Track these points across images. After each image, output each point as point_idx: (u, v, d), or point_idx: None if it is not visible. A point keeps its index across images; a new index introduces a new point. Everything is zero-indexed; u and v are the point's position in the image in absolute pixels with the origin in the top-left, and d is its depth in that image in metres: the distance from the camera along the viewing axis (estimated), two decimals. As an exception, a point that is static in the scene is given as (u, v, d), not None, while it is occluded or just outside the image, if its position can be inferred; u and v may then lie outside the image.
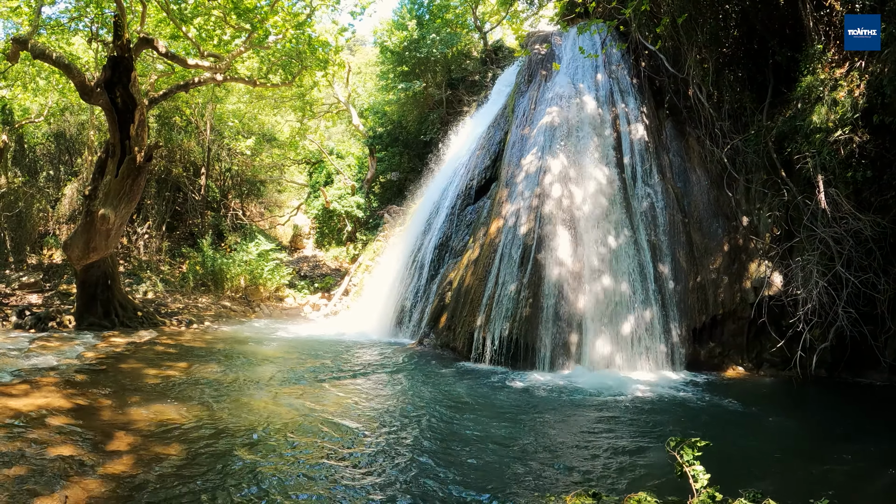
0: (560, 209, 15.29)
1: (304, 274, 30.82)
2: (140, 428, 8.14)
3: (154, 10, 19.08)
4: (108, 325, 17.55)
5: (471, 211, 18.91)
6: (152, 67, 23.43)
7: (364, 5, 20.39)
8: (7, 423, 7.81)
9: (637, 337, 14.26)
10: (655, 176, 15.71)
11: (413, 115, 31.21)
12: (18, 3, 18.79)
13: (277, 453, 7.44)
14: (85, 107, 27.29)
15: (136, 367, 12.55)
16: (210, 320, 20.86)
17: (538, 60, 18.92)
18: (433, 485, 6.74)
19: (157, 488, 6.18)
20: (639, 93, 16.93)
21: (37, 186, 29.05)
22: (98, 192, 17.00)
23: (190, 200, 31.11)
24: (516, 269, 14.89)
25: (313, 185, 37.47)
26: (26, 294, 22.42)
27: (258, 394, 10.58)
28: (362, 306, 22.94)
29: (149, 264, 26.71)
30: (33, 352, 13.66)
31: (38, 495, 5.71)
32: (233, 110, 32.39)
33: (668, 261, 14.95)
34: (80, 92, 16.98)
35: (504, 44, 30.63)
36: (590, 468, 7.50)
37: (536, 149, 16.48)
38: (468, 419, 9.52)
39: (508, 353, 14.22)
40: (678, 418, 10.19)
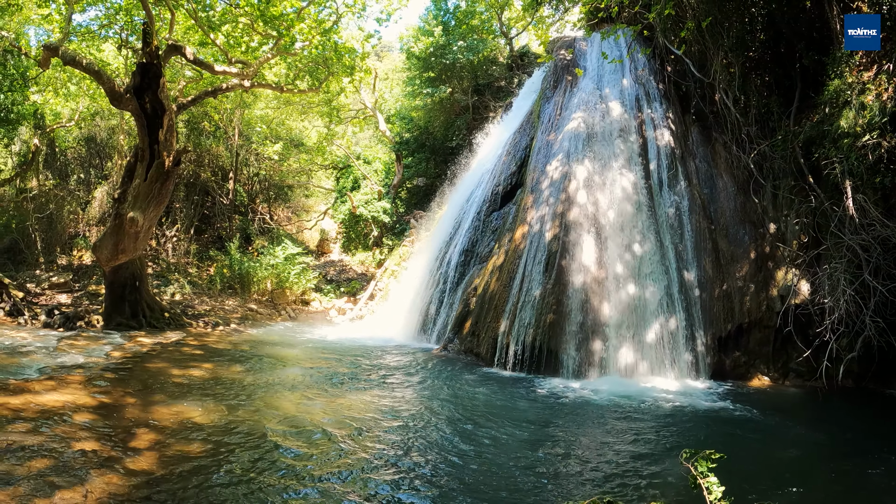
0: (585, 215, 15.22)
1: (330, 278, 30.93)
2: (163, 426, 8.21)
3: (182, 17, 19.26)
4: (136, 325, 17.75)
5: (496, 217, 18.89)
6: (181, 73, 23.68)
7: (390, 12, 20.48)
8: (32, 418, 7.92)
9: (661, 345, 14.11)
10: (681, 182, 15.57)
11: (439, 120, 31.24)
12: (49, 11, 19.13)
13: (298, 455, 7.46)
14: (115, 112, 27.63)
15: (162, 366, 12.68)
16: (236, 322, 20.99)
17: (563, 66, 18.86)
18: (453, 490, 6.73)
19: (177, 485, 6.23)
20: (664, 98, 16.78)
21: (67, 189, 29.48)
22: (127, 196, 17.20)
23: (218, 204, 31.36)
24: (541, 275, 14.84)
25: (340, 190, 37.58)
26: (56, 294, 22.72)
27: (281, 395, 10.63)
28: (388, 311, 22.97)
29: (177, 267, 26.96)
30: (61, 350, 13.86)
31: (61, 488, 5.79)
32: (261, 116, 32.65)
33: (694, 268, 14.78)
34: (110, 97, 17.21)
35: (530, 49, 30.54)
36: (608, 477, 7.46)
37: (562, 155, 16.42)
38: (489, 425, 9.50)
39: (532, 359, 14.16)
40: (700, 428, 10.08)
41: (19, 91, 23.40)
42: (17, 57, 23.01)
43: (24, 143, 26.90)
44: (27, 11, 20.01)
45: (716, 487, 4.35)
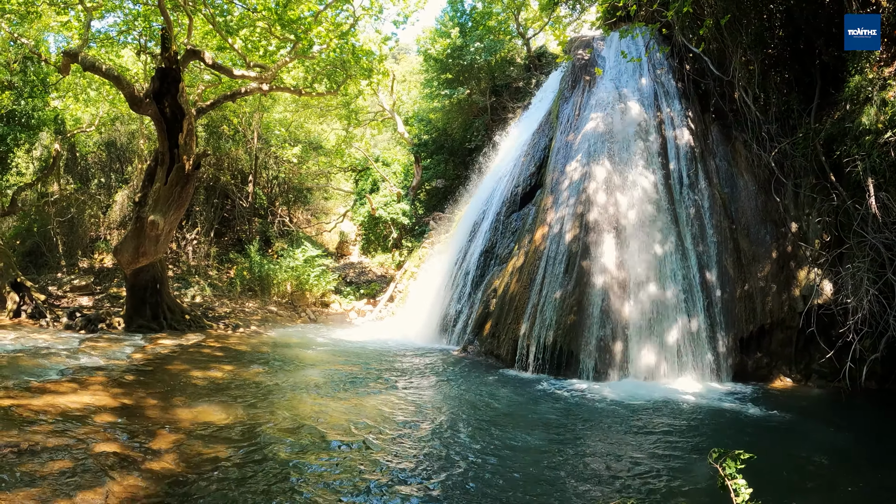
0: (605, 216, 15.13)
1: (349, 280, 31.00)
2: (184, 427, 8.24)
3: (200, 22, 19.37)
4: (157, 327, 17.89)
5: (516, 218, 18.84)
6: (200, 78, 23.80)
7: (407, 14, 20.49)
8: (54, 420, 7.99)
9: (683, 346, 13.98)
10: (702, 182, 15.44)
11: (458, 122, 31.24)
12: (68, 18, 19.29)
13: (318, 456, 7.46)
14: (135, 117, 27.83)
15: (183, 368, 12.76)
16: (256, 324, 21.08)
17: (581, 66, 18.77)
18: (473, 492, 6.71)
19: (198, 486, 6.24)
20: (684, 97, 16.63)
21: (88, 193, 29.74)
22: (148, 199, 17.32)
23: (238, 207, 31.52)
24: (561, 276, 14.77)
25: (359, 193, 37.66)
26: (77, 296, 22.91)
27: (301, 397, 10.65)
28: (407, 313, 22.99)
29: (197, 269, 27.13)
30: (82, 352, 13.99)
31: (82, 489, 5.81)
32: (279, 119, 32.78)
33: (715, 268, 14.65)
34: (130, 102, 17.36)
35: (547, 50, 30.43)
36: (630, 479, 7.40)
37: (581, 155, 16.34)
38: (510, 427, 9.47)
39: (552, 361, 14.10)
40: (722, 430, 10.00)
41: (40, 97, 23.64)
42: (38, 63, 23.24)
43: (45, 149, 27.15)
44: (46, 19, 20.15)
45: (743, 489, 4.30)
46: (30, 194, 27.11)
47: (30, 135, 24.58)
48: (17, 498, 5.49)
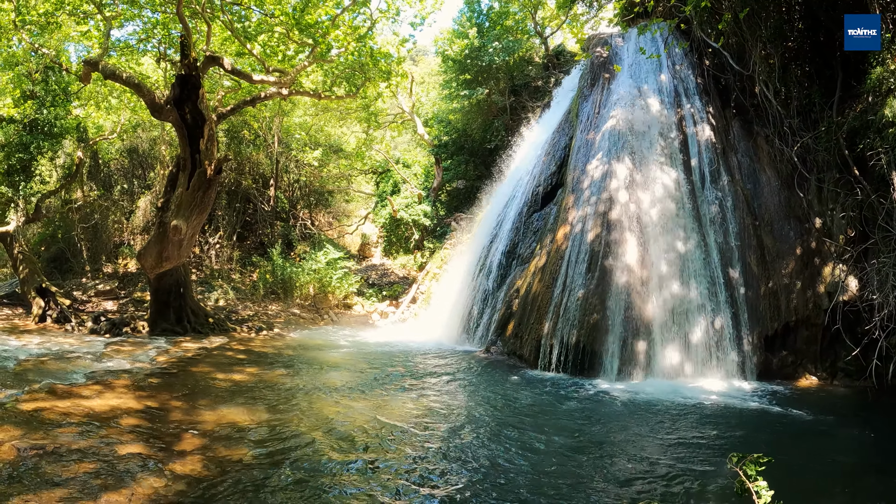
0: (627, 214, 15.04)
1: (372, 282, 31.04)
2: (208, 430, 8.28)
3: (219, 29, 19.48)
4: (181, 330, 18.03)
5: (537, 217, 18.79)
6: (219, 84, 23.94)
7: (424, 16, 20.51)
8: (80, 422, 8.05)
9: (707, 345, 13.86)
10: (724, 178, 15.31)
11: (477, 122, 31.20)
12: (88, 28, 19.50)
13: (342, 457, 7.46)
14: (156, 123, 28.07)
15: (207, 371, 12.84)
16: (280, 327, 21.17)
17: (600, 63, 18.68)
18: (497, 493, 6.68)
19: (222, 488, 6.26)
20: (704, 92, 16.49)
21: (111, 199, 30.04)
22: (170, 204, 17.44)
23: (259, 211, 31.72)
24: (583, 275, 14.69)
25: (380, 195, 37.73)
26: (102, 301, 23.14)
27: (325, 399, 10.67)
28: (430, 314, 22.98)
29: (220, 273, 27.30)
30: (107, 355, 14.14)
31: (107, 490, 5.85)
32: (299, 123, 32.92)
33: (739, 266, 14.50)
34: (151, 109, 17.52)
35: (565, 48, 30.32)
36: (653, 480, 7.35)
37: (602, 153, 16.26)
38: (533, 428, 9.42)
39: (575, 360, 14.02)
40: (747, 430, 9.89)
41: (62, 106, 23.88)
42: (59, 73, 23.49)
43: (68, 156, 27.42)
44: (66, 29, 20.39)
45: (765, 491, 4.26)
46: (54, 201, 27.39)
47: (53, 143, 24.84)
48: (43, 498, 5.54)
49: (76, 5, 18.10)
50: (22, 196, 24.88)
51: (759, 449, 4.66)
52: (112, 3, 17.79)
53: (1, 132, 23.93)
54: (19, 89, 22.01)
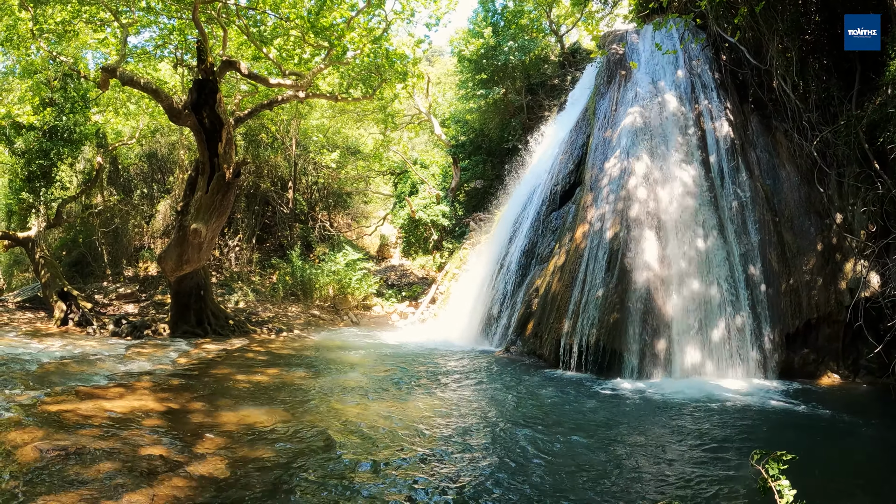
0: (646, 212, 14.95)
1: (391, 283, 31.13)
2: (229, 430, 8.31)
3: (235, 33, 19.62)
4: (201, 332, 18.15)
5: (556, 216, 18.74)
6: (237, 88, 24.10)
7: (439, 16, 20.50)
8: (102, 424, 8.09)
9: (728, 343, 13.73)
10: (743, 174, 15.17)
11: (494, 122, 31.21)
12: (105, 35, 19.73)
13: (363, 458, 7.45)
14: (174, 128, 28.35)
15: (227, 372, 12.91)
16: (299, 328, 21.26)
17: (616, 60, 18.59)
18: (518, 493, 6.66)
19: (243, 489, 6.26)
20: (721, 88, 16.34)
21: (131, 204, 30.33)
22: (190, 208, 17.57)
23: (278, 213, 31.91)
24: (603, 274, 14.62)
25: (398, 196, 37.82)
26: (123, 304, 23.34)
27: (345, 399, 10.68)
28: (449, 314, 22.99)
29: (240, 275, 27.48)
30: (129, 358, 14.25)
31: (129, 491, 5.87)
32: (317, 125, 33.12)
33: (759, 263, 14.33)
34: (169, 114, 17.66)
35: (581, 46, 30.23)
36: (674, 480, 7.29)
37: (619, 151, 16.18)
38: (554, 428, 9.38)
39: (595, 360, 13.95)
40: (769, 430, 9.79)
41: (81, 112, 24.17)
42: (77, 80, 23.80)
43: (88, 162, 27.73)
44: (84, 37, 20.59)
45: (787, 490, 4.21)
46: (74, 206, 27.69)
47: (72, 149, 25.15)
48: (65, 499, 5.57)
49: (93, 13, 18.30)
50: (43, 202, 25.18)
51: (781, 448, 4.61)
52: (128, 11, 17.93)
53: (21, 139, 24.24)
54: (38, 97, 22.26)
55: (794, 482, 4.22)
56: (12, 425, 7.75)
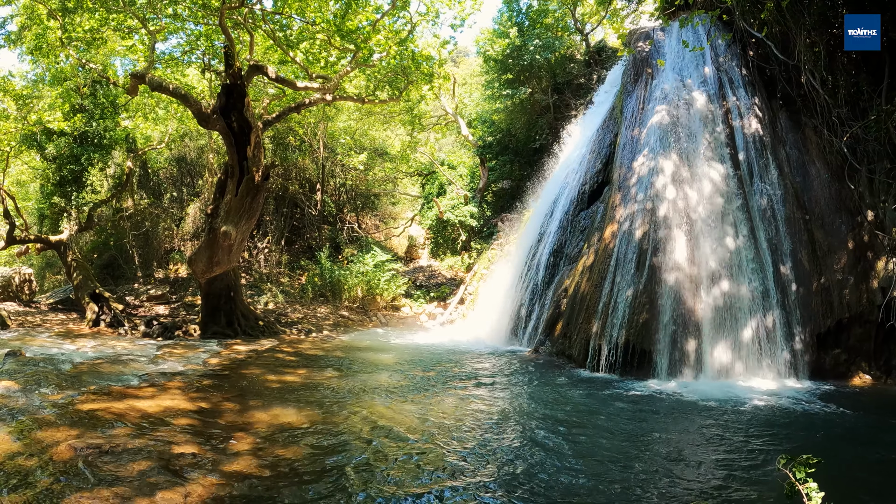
0: (675, 211, 14.85)
1: (419, 284, 31.17)
2: (260, 430, 8.36)
3: (261, 38, 19.79)
4: (231, 333, 18.31)
5: (584, 216, 18.69)
6: (264, 92, 24.32)
7: (464, 17, 20.52)
8: (135, 423, 8.19)
9: (758, 343, 13.55)
10: (772, 171, 14.99)
11: (521, 122, 31.15)
12: (133, 42, 20.03)
13: (393, 459, 7.48)
14: (203, 132, 28.65)
15: (258, 373, 13.01)
16: (328, 329, 21.38)
17: (642, 58, 18.44)
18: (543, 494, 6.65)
19: (275, 487, 6.31)
20: (749, 84, 16.13)
21: (161, 207, 30.68)
22: (219, 211, 17.75)
23: (307, 215, 32.10)
24: (632, 274, 14.53)
25: (426, 197, 37.89)
26: (154, 305, 23.62)
27: (375, 400, 10.71)
28: (478, 315, 23.00)
29: (269, 277, 27.70)
30: (160, 358, 14.42)
31: (162, 489, 5.92)
32: (344, 127, 33.28)
33: (790, 262, 14.14)
34: (198, 119, 17.87)
35: (606, 44, 30.04)
36: (703, 482, 7.24)
37: (647, 150, 16.09)
38: (581, 428, 9.36)
39: (624, 360, 13.86)
40: (798, 431, 9.66)
41: (110, 118, 24.57)
42: (106, 86, 24.20)
43: (118, 166, 28.12)
44: (112, 44, 20.98)
45: (815, 493, 4.19)
46: (105, 210, 28.04)
47: (103, 154, 25.56)
48: (100, 496, 5.63)
49: (121, 21, 18.56)
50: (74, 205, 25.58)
51: (811, 450, 4.58)
52: (155, 18, 18.18)
53: (52, 145, 24.66)
54: (68, 103, 22.65)
55: (822, 485, 4.20)
56: (47, 424, 7.87)
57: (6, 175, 24.77)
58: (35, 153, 25.93)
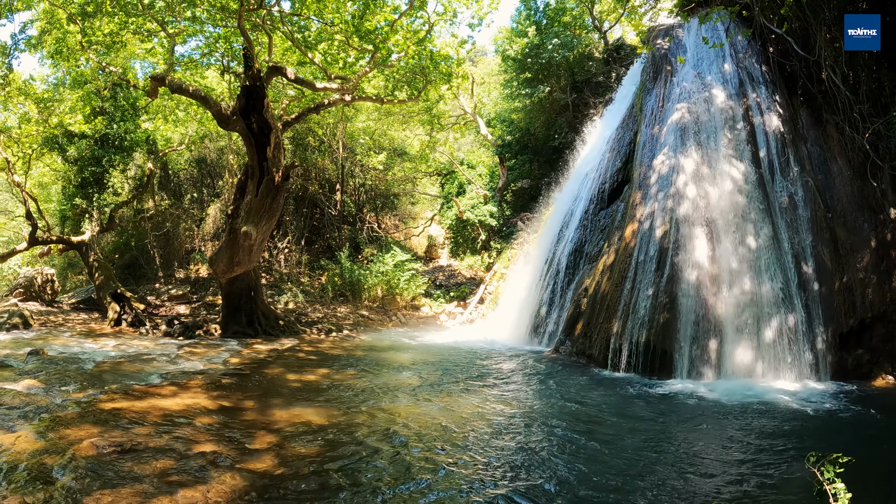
0: (695, 210, 14.73)
1: (439, 283, 31.20)
2: (281, 428, 8.39)
3: (280, 40, 19.90)
4: (252, 333, 18.41)
5: (604, 215, 18.61)
6: (283, 93, 24.41)
7: (481, 16, 20.48)
8: (156, 421, 8.26)
9: (780, 343, 13.36)
10: (794, 169, 14.81)
11: (540, 121, 31.11)
12: (153, 45, 20.25)
13: (414, 456, 7.47)
14: (223, 133, 28.86)
15: (278, 372, 13.10)
16: (349, 329, 21.44)
17: (661, 55, 18.31)
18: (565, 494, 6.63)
19: (296, 486, 6.32)
20: (769, 81, 15.95)
21: (182, 208, 30.93)
22: (240, 211, 17.83)
23: (327, 215, 32.23)
24: (652, 273, 14.45)
25: (446, 196, 37.90)
26: (175, 305, 23.80)
27: (395, 399, 10.72)
28: (498, 314, 23.00)
29: (289, 276, 27.85)
30: (181, 357, 14.54)
31: (183, 487, 5.96)
32: (363, 128, 33.43)
33: (812, 260, 13.94)
34: (218, 120, 18.00)
35: (625, 41, 29.86)
36: (725, 482, 7.18)
37: (667, 148, 15.99)
38: (602, 429, 9.32)
39: (645, 360, 13.78)
40: (821, 432, 9.57)
41: (131, 120, 24.84)
42: (127, 89, 24.49)
43: (139, 168, 28.39)
44: (132, 47, 21.14)
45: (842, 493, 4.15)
46: (126, 211, 28.31)
47: (123, 156, 25.82)
48: (122, 494, 5.68)
49: (140, 24, 18.73)
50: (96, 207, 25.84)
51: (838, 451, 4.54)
52: (174, 21, 18.30)
53: (73, 147, 24.93)
54: (89, 106, 22.89)
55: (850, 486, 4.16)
56: (70, 422, 7.97)
57: (28, 177, 25.05)
58: (56, 155, 26.19)
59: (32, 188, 27.66)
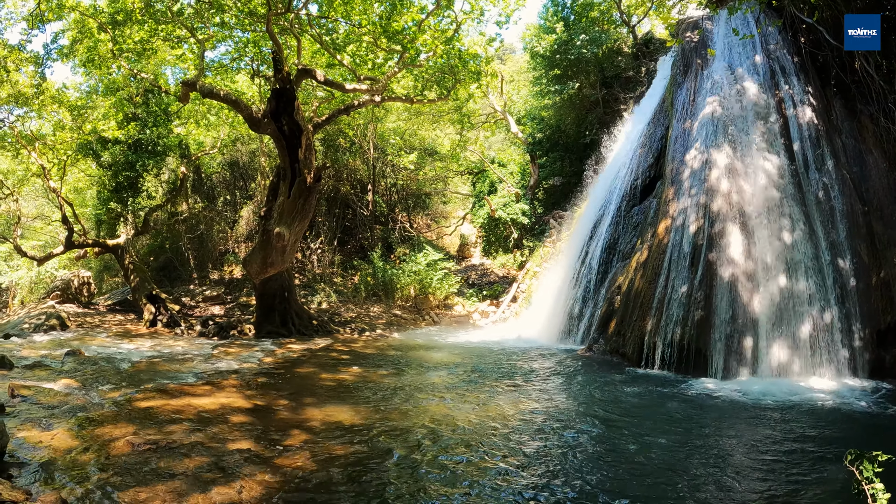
0: (729, 205, 14.54)
1: (471, 282, 31.22)
2: (314, 427, 8.45)
3: (308, 42, 20.02)
4: (285, 333, 18.59)
5: (637, 212, 18.49)
6: (313, 95, 24.54)
7: (508, 14, 20.38)
8: (191, 419, 8.38)
9: (816, 341, 13.10)
10: (829, 162, 14.51)
11: (570, 117, 30.93)
12: (183, 51, 20.52)
13: (446, 456, 7.47)
14: (254, 136, 29.13)
15: (312, 371, 13.23)
16: (381, 328, 21.53)
17: (691, 48, 18.10)
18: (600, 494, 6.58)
19: (329, 484, 6.35)
20: (802, 72, 15.65)
21: (215, 210, 31.29)
22: (272, 213, 17.99)
23: (359, 216, 32.39)
24: (686, 270, 14.30)
25: (477, 195, 37.87)
26: (209, 306, 24.06)
27: (428, 398, 10.74)
28: (530, 313, 22.96)
29: (322, 277, 28.01)
30: (216, 357, 14.75)
31: (217, 484, 6.02)
32: (393, 128, 33.54)
33: (848, 255, 13.60)
34: (249, 123, 18.18)
35: (654, 35, 29.56)
36: (759, 484, 7.08)
37: (699, 142, 15.81)
38: (636, 428, 9.24)
39: (679, 358, 13.64)
40: (859, 432, 9.40)
41: (163, 125, 25.15)
42: (158, 95, 24.77)
43: (172, 172, 28.76)
44: (162, 54, 21.43)
45: (881, 493, 4.09)
46: (161, 214, 28.68)
47: (157, 160, 26.18)
48: (157, 490, 5.75)
49: (169, 31, 19.00)
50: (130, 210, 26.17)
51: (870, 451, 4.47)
52: (203, 27, 18.52)
53: (107, 153, 25.28)
54: (122, 112, 23.21)
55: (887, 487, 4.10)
56: (106, 420, 8.12)
57: (64, 183, 25.46)
58: (91, 161, 26.55)
59: (68, 193, 28.09)
